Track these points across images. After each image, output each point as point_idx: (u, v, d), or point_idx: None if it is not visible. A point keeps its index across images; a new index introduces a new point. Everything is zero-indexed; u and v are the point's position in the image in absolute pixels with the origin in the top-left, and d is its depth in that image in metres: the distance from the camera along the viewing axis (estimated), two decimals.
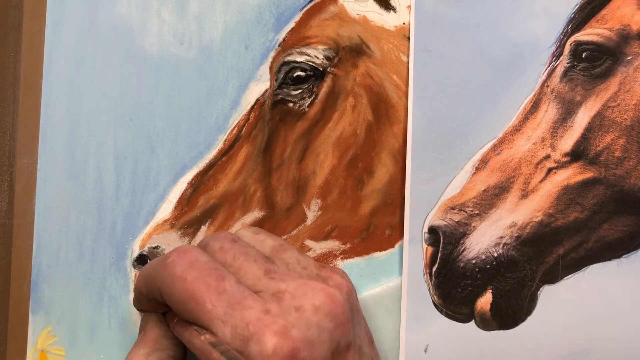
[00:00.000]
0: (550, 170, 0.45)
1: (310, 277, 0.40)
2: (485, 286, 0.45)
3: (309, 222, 0.48)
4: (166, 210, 0.48)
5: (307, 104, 0.48)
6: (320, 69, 0.48)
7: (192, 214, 0.48)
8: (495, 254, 0.45)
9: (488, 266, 0.45)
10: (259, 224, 0.48)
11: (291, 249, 0.43)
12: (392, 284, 0.47)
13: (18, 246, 0.49)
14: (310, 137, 0.48)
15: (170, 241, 0.48)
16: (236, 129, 0.48)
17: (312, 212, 0.48)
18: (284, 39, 0.48)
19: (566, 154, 0.45)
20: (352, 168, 0.47)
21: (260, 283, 0.38)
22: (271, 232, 0.47)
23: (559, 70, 0.45)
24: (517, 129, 0.46)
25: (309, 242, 0.48)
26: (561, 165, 0.45)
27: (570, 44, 0.45)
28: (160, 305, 0.41)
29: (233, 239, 0.41)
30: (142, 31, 0.49)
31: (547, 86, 0.45)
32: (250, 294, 0.37)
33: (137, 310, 0.45)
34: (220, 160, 0.48)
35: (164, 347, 0.41)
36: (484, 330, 0.45)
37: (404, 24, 0.47)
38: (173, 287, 0.37)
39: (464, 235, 0.45)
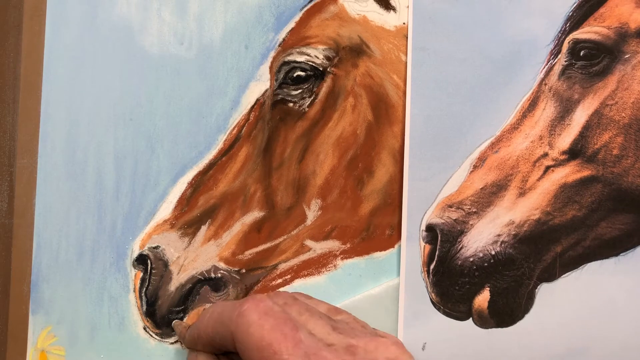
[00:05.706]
0: (548, 168, 0.45)
1: (372, 334, 0.40)
2: (483, 284, 0.45)
3: (309, 222, 0.48)
4: (166, 210, 0.49)
5: (307, 104, 0.48)
6: (321, 68, 0.48)
7: (192, 214, 0.48)
8: (493, 252, 0.45)
9: (486, 264, 0.45)
10: (259, 224, 0.48)
11: (345, 311, 0.43)
12: (392, 283, 0.47)
13: (18, 246, 0.49)
14: (310, 137, 0.48)
15: (170, 241, 0.48)
16: (236, 129, 0.48)
17: (312, 212, 0.48)
18: (284, 39, 0.48)
19: (564, 152, 0.45)
20: (352, 168, 0.47)
21: (330, 337, 0.38)
22: (271, 232, 0.47)
23: (557, 69, 0.45)
24: (515, 127, 0.46)
25: (309, 242, 0.48)
26: (559, 163, 0.45)
27: (569, 42, 0.45)
28: (216, 348, 0.42)
29: (293, 297, 0.42)
30: (142, 31, 0.49)
31: (545, 84, 0.45)
32: (324, 346, 0.37)
33: (187, 348, 0.45)
34: (220, 160, 0.48)
35: None
36: (482, 328, 0.45)
37: (404, 23, 0.48)
38: (249, 333, 0.37)
39: (462, 233, 0.45)
